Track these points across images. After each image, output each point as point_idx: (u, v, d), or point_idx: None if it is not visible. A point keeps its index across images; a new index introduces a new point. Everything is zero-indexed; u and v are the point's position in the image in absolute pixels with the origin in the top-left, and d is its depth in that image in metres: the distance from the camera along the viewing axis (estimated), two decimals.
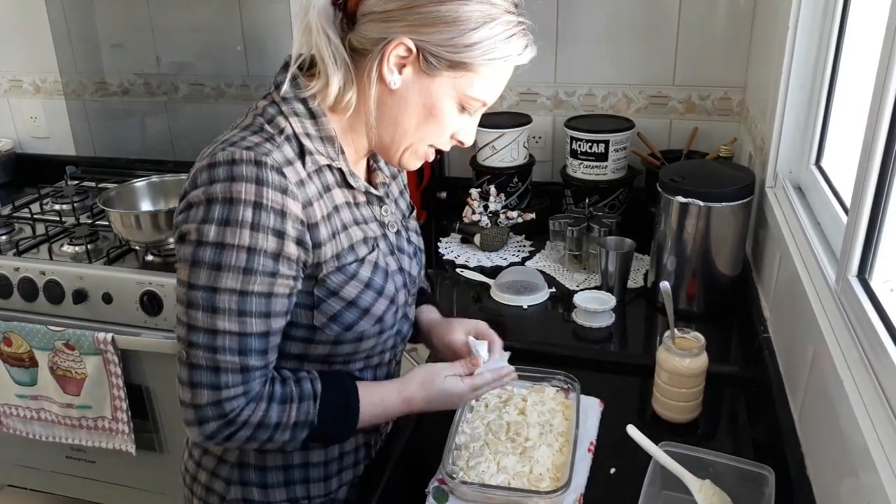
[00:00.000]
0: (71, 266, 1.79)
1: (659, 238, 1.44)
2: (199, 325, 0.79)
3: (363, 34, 0.81)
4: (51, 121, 2.46)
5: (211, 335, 0.79)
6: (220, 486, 0.97)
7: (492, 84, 0.85)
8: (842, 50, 1.23)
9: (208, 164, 0.78)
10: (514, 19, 0.83)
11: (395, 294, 0.93)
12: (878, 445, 0.68)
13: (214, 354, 0.79)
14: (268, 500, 0.97)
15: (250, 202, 0.77)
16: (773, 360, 1.19)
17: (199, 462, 0.99)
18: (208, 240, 0.77)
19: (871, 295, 0.87)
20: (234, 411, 0.81)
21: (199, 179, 0.78)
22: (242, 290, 0.78)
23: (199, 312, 0.78)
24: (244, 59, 2.18)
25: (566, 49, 1.91)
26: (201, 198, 0.78)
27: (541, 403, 1.13)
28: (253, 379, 0.82)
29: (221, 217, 0.77)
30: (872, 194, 0.87)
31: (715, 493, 0.90)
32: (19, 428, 1.93)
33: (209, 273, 0.78)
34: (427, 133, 0.87)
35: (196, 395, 0.80)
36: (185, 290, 0.80)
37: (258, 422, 0.83)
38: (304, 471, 0.97)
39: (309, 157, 0.83)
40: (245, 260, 0.78)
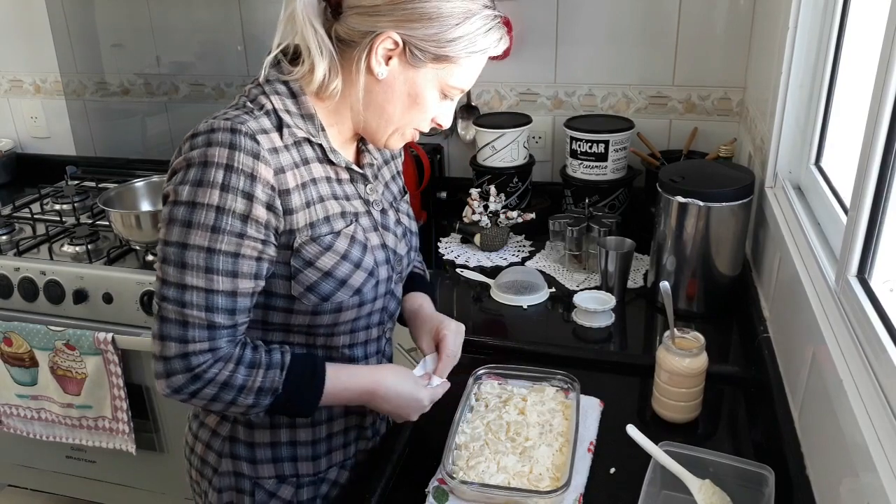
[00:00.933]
0: (71, 266, 1.79)
1: (659, 238, 1.44)
2: (170, 279, 0.83)
3: (350, 26, 0.86)
4: (51, 121, 2.46)
5: (180, 290, 0.83)
6: (212, 458, 1.02)
7: (470, 73, 0.91)
8: (842, 50, 1.23)
9: (191, 135, 0.85)
10: (491, 13, 0.88)
11: (374, 268, 0.96)
12: (877, 445, 0.68)
13: (182, 308, 0.83)
14: (257, 474, 1.01)
15: (222, 164, 0.81)
16: (772, 360, 1.19)
17: (197, 434, 1.05)
18: (182, 199, 0.82)
19: (871, 295, 0.87)
20: (199, 366, 0.84)
21: (183, 149, 0.85)
22: (210, 247, 0.82)
23: (171, 267, 0.83)
24: (244, 59, 2.18)
25: (566, 49, 1.91)
26: (182, 164, 0.83)
27: (541, 403, 1.13)
28: (220, 337, 0.85)
29: (195, 178, 0.82)
30: (872, 194, 0.87)
31: (715, 493, 0.90)
32: (20, 428, 1.93)
33: (181, 230, 0.82)
34: (410, 118, 0.93)
35: (165, 348, 0.84)
36: (161, 247, 0.84)
37: (223, 381, 0.85)
38: (292, 449, 1.01)
39: (287, 129, 0.88)
40: (213, 218, 0.82)
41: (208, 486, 1.03)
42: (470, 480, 0.97)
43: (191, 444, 1.06)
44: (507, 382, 1.19)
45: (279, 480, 1.01)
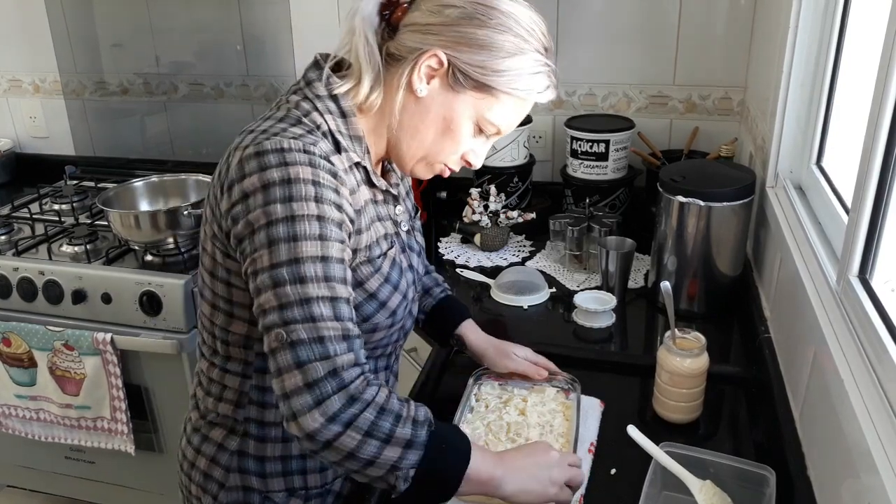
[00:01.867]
0: (70, 266, 1.79)
1: (659, 238, 1.44)
2: (291, 299, 0.76)
3: (401, 42, 0.86)
4: (50, 121, 2.46)
5: (306, 305, 0.76)
6: (219, 473, 0.97)
7: (509, 113, 0.89)
8: (842, 49, 1.22)
9: (256, 153, 0.79)
10: (543, 59, 0.88)
11: (406, 289, 0.96)
12: (879, 446, 0.68)
13: (315, 323, 0.76)
14: (266, 488, 0.97)
15: (308, 180, 0.79)
16: (773, 361, 1.18)
17: (199, 449, 0.99)
18: (278, 217, 0.77)
19: (872, 295, 0.87)
20: (353, 382, 0.77)
21: (248, 168, 0.79)
22: (323, 255, 0.78)
23: (289, 287, 0.77)
24: (244, 59, 2.17)
25: (566, 49, 1.90)
26: (257, 185, 0.78)
27: (541, 404, 1.13)
28: (358, 347, 0.79)
29: (284, 196, 0.78)
30: (873, 194, 0.87)
31: (715, 494, 0.90)
32: (18, 428, 1.93)
33: (288, 246, 0.77)
34: (441, 147, 0.90)
35: (308, 373, 0.75)
36: (268, 275, 0.77)
37: (381, 403, 0.78)
38: (302, 462, 0.98)
39: (344, 153, 0.87)
40: (318, 227, 0.78)
41: (212, 501, 1.00)
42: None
43: (191, 458, 1.01)
44: (508, 383, 1.19)
45: (289, 494, 0.99)
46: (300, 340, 0.76)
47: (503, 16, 0.84)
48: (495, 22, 0.83)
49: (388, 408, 0.78)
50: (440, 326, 1.19)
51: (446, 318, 1.18)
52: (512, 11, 0.85)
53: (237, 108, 2.23)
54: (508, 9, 0.85)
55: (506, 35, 0.84)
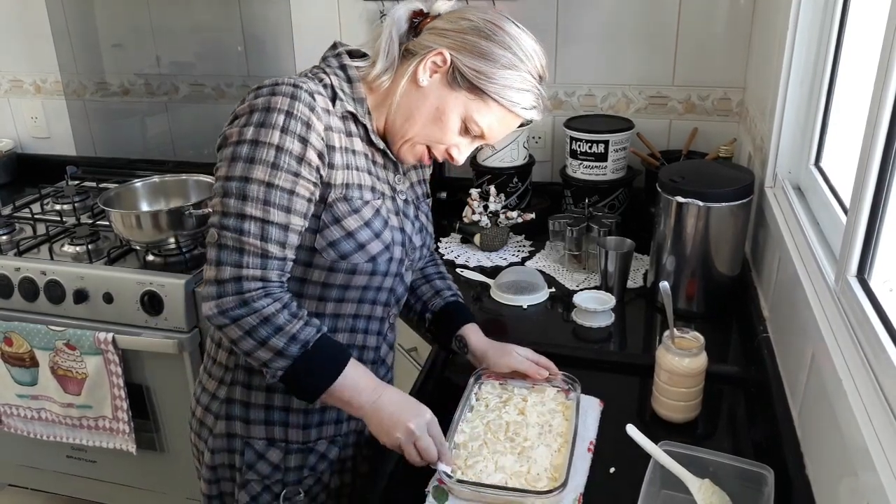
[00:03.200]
0: (72, 266, 1.79)
1: (658, 238, 1.44)
2: (230, 210, 0.91)
3: (420, 42, 0.98)
4: (51, 121, 2.46)
5: (239, 219, 0.90)
6: (210, 420, 1.09)
7: (494, 120, 0.99)
8: (841, 50, 1.23)
9: (256, 87, 0.94)
10: (533, 81, 0.98)
11: (391, 244, 1.02)
12: (877, 445, 0.68)
13: (240, 236, 0.90)
14: (248, 434, 1.06)
15: (283, 110, 0.90)
16: (772, 360, 1.19)
17: (198, 399, 1.11)
18: (246, 138, 0.91)
19: (871, 295, 0.87)
20: (249, 292, 0.91)
21: (247, 98, 0.94)
22: (269, 181, 0.90)
23: (232, 199, 0.90)
24: (244, 60, 2.18)
25: (566, 49, 1.91)
26: (246, 109, 0.92)
27: (541, 404, 1.13)
28: (271, 267, 0.92)
29: (259, 121, 0.91)
30: (872, 194, 0.87)
31: (714, 493, 0.90)
32: (20, 427, 1.93)
33: (244, 165, 0.90)
34: (429, 133, 1.00)
35: (220, 272, 0.91)
36: (221, 184, 0.92)
37: (267, 315, 0.91)
38: (285, 414, 1.06)
39: (339, 101, 0.97)
40: (273, 156, 0.90)
41: (204, 447, 1.10)
42: (467, 480, 0.97)
43: (192, 408, 1.13)
44: (508, 382, 1.19)
45: (269, 443, 1.06)
46: (225, 245, 0.91)
47: (508, 36, 0.96)
48: (499, 39, 0.95)
49: (272, 320, 0.91)
50: (444, 327, 1.22)
51: (451, 319, 1.22)
52: (517, 35, 0.97)
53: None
54: (515, 32, 0.97)
55: (506, 52, 0.95)
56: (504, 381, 1.19)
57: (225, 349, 1.07)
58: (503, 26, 0.96)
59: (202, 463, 1.12)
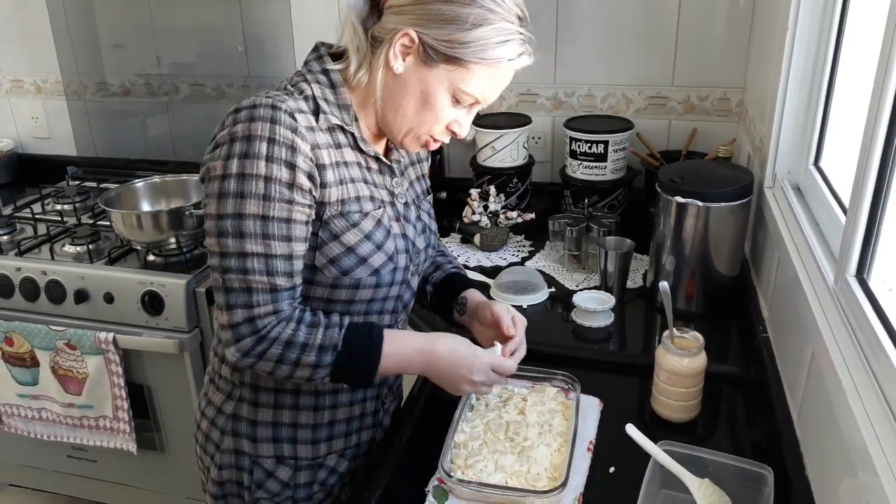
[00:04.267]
0: (72, 266, 1.79)
1: (658, 238, 1.44)
2: (230, 250, 0.88)
3: (383, 25, 0.91)
4: (52, 121, 2.46)
5: (241, 258, 0.88)
6: (216, 435, 1.06)
7: (483, 83, 0.93)
8: (841, 50, 1.23)
9: (234, 110, 0.89)
10: (512, 27, 0.90)
11: (394, 253, 0.99)
12: (876, 445, 0.69)
13: (246, 276, 0.88)
14: (256, 453, 1.04)
15: (265, 137, 0.86)
16: (771, 360, 1.19)
17: (203, 411, 1.09)
18: (232, 172, 0.87)
19: (870, 295, 0.87)
20: (265, 328, 0.89)
21: (225, 123, 0.89)
22: (264, 214, 0.87)
23: (230, 239, 0.88)
24: (245, 60, 2.18)
25: (566, 50, 1.91)
26: (226, 137, 0.88)
27: (541, 403, 1.13)
28: (282, 299, 0.90)
29: (241, 152, 0.86)
30: (871, 194, 0.87)
31: (714, 493, 0.91)
32: (21, 427, 1.93)
33: (235, 201, 0.87)
34: (423, 119, 0.95)
35: (232, 315, 0.89)
36: (214, 222, 0.89)
37: (287, 339, 0.90)
38: (293, 431, 1.04)
39: (322, 115, 0.93)
40: (263, 187, 0.87)
41: (210, 462, 1.07)
42: (467, 479, 0.98)
43: (198, 420, 1.10)
44: (508, 382, 1.19)
45: (277, 461, 1.04)
46: (232, 288, 0.89)
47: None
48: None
49: (294, 341, 0.90)
50: (445, 295, 1.20)
51: (451, 285, 1.20)
52: None
53: None
54: None
55: (471, 7, 0.87)
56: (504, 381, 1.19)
57: (229, 365, 1.04)
58: None
59: (208, 477, 1.09)
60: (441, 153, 2.08)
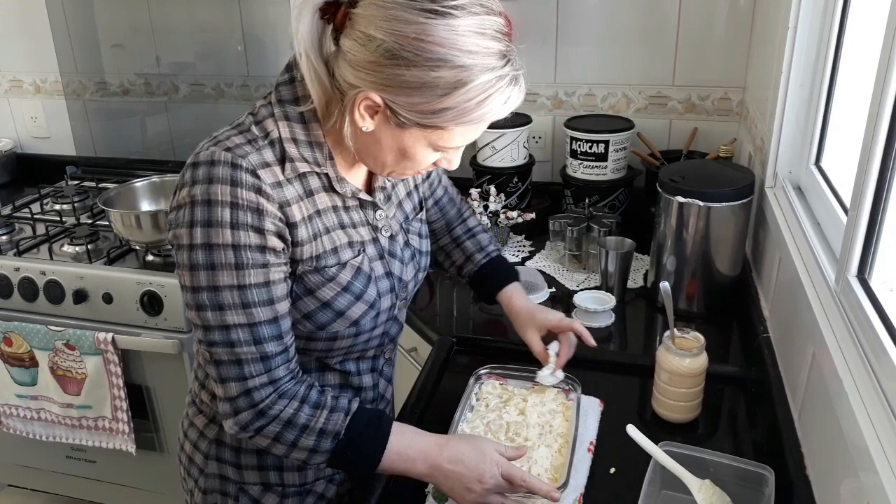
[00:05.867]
0: (71, 266, 1.79)
1: (659, 238, 1.44)
2: (211, 324, 0.82)
3: (340, 72, 0.79)
4: (51, 121, 2.46)
5: (225, 331, 0.82)
6: (199, 459, 1.02)
7: (469, 135, 0.84)
8: (842, 50, 1.23)
9: (192, 163, 0.83)
10: (492, 77, 0.76)
11: (376, 300, 0.93)
12: (877, 445, 0.68)
13: (233, 348, 0.83)
14: (242, 479, 1.00)
15: (227, 202, 0.79)
16: (772, 360, 1.19)
17: (186, 433, 1.04)
18: (197, 242, 0.80)
19: (871, 295, 0.87)
20: (263, 401, 0.84)
21: (185, 177, 0.83)
22: (240, 284, 0.81)
23: (209, 312, 0.82)
24: (244, 60, 2.18)
25: (566, 49, 1.91)
26: (186, 199, 0.81)
27: (541, 404, 1.13)
28: (276, 366, 0.85)
29: (204, 219, 0.80)
30: (872, 194, 0.87)
31: (714, 493, 0.90)
32: (20, 428, 1.93)
33: (206, 274, 0.81)
34: (404, 167, 0.87)
35: (227, 389, 0.84)
36: (191, 295, 0.83)
37: (287, 419, 0.85)
38: (278, 458, 0.98)
39: (289, 163, 0.84)
40: (234, 256, 0.80)
41: (194, 486, 1.04)
42: None
43: (181, 441, 1.06)
44: (508, 382, 1.19)
45: (264, 488, 1.00)
46: (220, 361, 0.83)
47: (434, 47, 0.73)
48: (424, 58, 0.73)
49: (294, 421, 0.85)
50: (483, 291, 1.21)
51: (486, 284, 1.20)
52: (445, 38, 0.73)
53: (238, 108, 2.23)
54: (441, 36, 0.73)
55: (441, 70, 0.73)
56: (504, 381, 1.19)
57: (209, 390, 0.98)
58: (422, 37, 0.72)
59: (192, 500, 1.05)
60: None
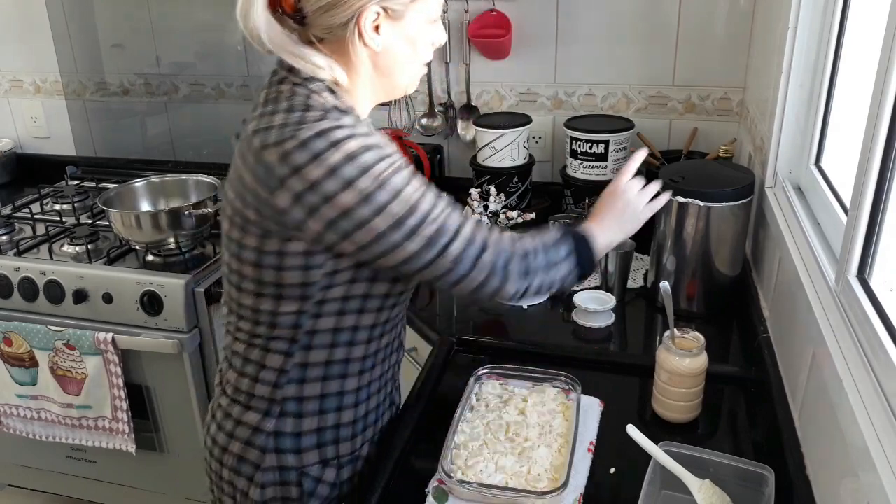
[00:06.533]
0: (71, 266, 1.79)
1: (659, 238, 1.44)
2: (431, 233, 0.87)
3: (324, 25, 0.88)
4: (51, 121, 2.46)
5: (442, 228, 0.88)
6: (254, 455, 1.00)
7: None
8: (842, 50, 1.23)
9: (299, 144, 0.83)
10: None
11: None
12: (877, 445, 0.68)
13: (458, 233, 0.89)
14: (302, 464, 1.01)
15: (361, 147, 0.84)
16: (772, 360, 1.19)
17: (232, 434, 1.02)
18: (369, 188, 0.83)
19: (871, 295, 0.87)
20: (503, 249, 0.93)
21: (298, 160, 0.83)
22: (423, 190, 0.88)
23: (423, 227, 0.87)
24: (244, 60, 2.18)
25: (566, 49, 1.91)
26: (322, 173, 0.83)
27: (541, 404, 1.13)
28: (488, 228, 0.95)
29: (355, 171, 0.83)
30: (872, 194, 0.87)
31: (714, 493, 0.90)
32: (20, 428, 1.93)
33: (397, 202, 0.85)
34: (418, 58, 0.97)
35: (480, 271, 0.91)
36: (402, 235, 0.86)
37: (524, 251, 0.96)
38: (336, 432, 1.02)
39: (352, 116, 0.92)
40: (402, 177, 0.87)
41: (248, 484, 1.02)
42: (467, 480, 0.97)
43: (223, 443, 1.03)
44: (508, 382, 1.19)
45: (323, 465, 1.03)
46: (458, 256, 0.89)
47: None
48: None
49: (529, 251, 0.96)
50: None
51: None
52: None
53: (238, 108, 2.23)
54: None
55: None
56: (504, 381, 1.19)
57: (268, 383, 0.99)
58: None
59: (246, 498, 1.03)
60: (441, 153, 2.08)
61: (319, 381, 0.98)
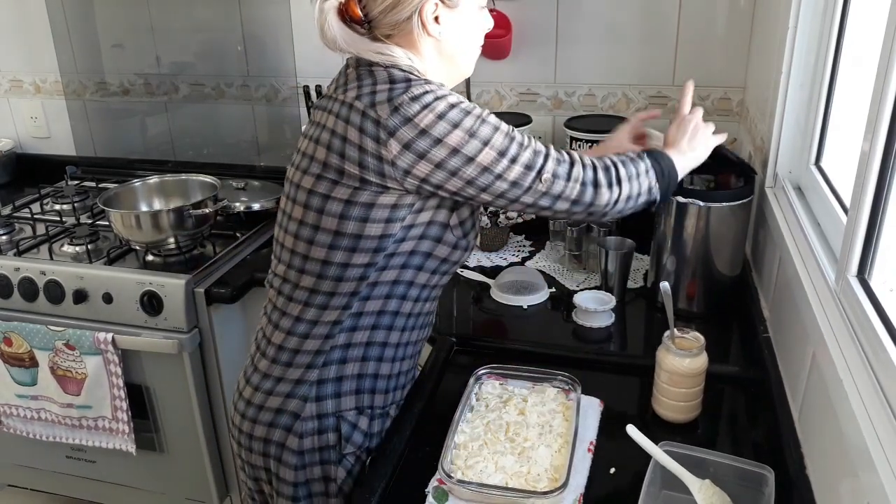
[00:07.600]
0: (71, 266, 1.79)
1: (659, 238, 1.44)
2: (528, 159, 1.00)
3: (390, 23, 0.99)
4: (51, 121, 2.46)
5: (536, 153, 1.01)
6: (294, 405, 1.07)
7: None
8: (842, 50, 1.23)
9: (411, 98, 0.95)
10: None
11: None
12: (877, 445, 0.68)
13: (549, 159, 1.02)
14: (339, 408, 1.08)
15: (458, 100, 0.97)
16: (772, 360, 1.19)
17: (271, 391, 1.08)
18: (473, 126, 0.96)
19: (871, 295, 0.87)
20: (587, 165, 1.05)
21: (410, 112, 0.94)
22: (511, 126, 1.02)
23: (522, 153, 1.00)
24: (244, 59, 2.18)
25: (566, 49, 1.91)
26: (432, 119, 0.94)
27: (541, 404, 1.13)
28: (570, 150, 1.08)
29: (459, 114, 0.96)
30: (872, 194, 0.87)
31: (715, 493, 0.90)
32: (19, 428, 1.93)
33: (499, 134, 0.98)
34: (475, 42, 1.09)
35: (575, 183, 1.03)
36: (506, 164, 0.98)
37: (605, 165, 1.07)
38: (374, 381, 1.10)
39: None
40: (495, 118, 1.00)
41: (285, 435, 1.07)
42: (467, 480, 0.97)
43: (258, 402, 1.09)
44: (508, 382, 1.19)
45: (358, 412, 1.09)
46: (556, 175, 1.01)
47: None
48: None
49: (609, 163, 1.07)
50: None
51: None
52: None
53: (238, 108, 2.23)
54: None
55: None
56: (504, 381, 1.19)
57: (319, 337, 1.05)
58: None
59: (282, 449, 1.07)
60: None
61: (369, 330, 1.06)
